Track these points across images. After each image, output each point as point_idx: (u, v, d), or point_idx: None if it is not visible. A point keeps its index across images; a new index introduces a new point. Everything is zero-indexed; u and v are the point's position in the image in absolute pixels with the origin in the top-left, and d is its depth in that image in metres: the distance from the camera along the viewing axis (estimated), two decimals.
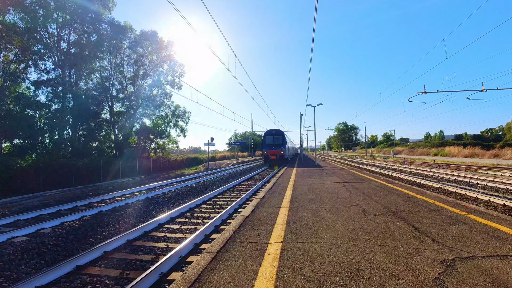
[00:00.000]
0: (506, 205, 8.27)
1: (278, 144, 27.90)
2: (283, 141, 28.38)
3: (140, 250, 5.19)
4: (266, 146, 28.22)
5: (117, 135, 26.23)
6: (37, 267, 4.58)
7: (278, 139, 28.33)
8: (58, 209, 8.81)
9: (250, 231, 4.52)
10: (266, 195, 8.12)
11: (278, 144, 27.86)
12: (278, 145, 27.83)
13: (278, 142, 28.14)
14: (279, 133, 28.99)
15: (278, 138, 28.50)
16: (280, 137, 28.57)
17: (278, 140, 28.24)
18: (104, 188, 14.73)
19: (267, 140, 28.55)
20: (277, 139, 28.35)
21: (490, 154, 38.60)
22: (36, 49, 20.44)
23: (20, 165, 14.44)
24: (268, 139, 28.64)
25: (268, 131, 29.52)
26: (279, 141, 28.16)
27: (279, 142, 28.07)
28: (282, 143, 28.09)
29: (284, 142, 28.36)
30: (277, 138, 28.48)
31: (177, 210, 7.90)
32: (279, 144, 27.91)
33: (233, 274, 2.96)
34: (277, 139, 28.31)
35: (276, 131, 29.21)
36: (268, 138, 28.73)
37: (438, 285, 2.60)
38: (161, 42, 27.26)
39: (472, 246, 3.57)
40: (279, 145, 27.82)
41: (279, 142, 28.12)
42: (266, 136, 28.96)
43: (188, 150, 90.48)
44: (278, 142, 28.13)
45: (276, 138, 28.48)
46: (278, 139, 28.37)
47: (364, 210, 5.74)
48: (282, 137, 28.68)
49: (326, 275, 2.86)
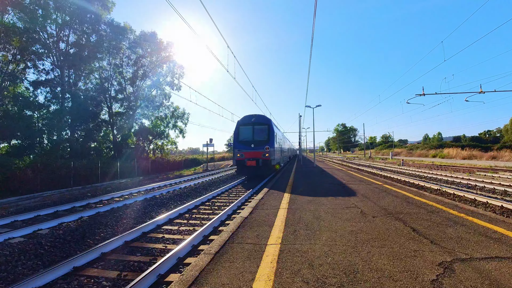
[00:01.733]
0: (504, 207, 8.29)
1: (261, 140, 16.36)
2: (270, 135, 16.57)
3: (138, 251, 5.17)
4: (240, 143, 16.47)
5: (116, 136, 26.19)
6: (34, 268, 4.55)
7: (261, 132, 16.71)
8: (55, 210, 8.76)
9: (248, 232, 4.51)
10: (265, 196, 8.11)
11: (261, 141, 16.30)
12: (261, 141, 16.26)
13: (260, 136, 16.56)
14: (263, 121, 17.12)
15: (262, 129, 16.79)
16: (264, 128, 16.81)
17: (261, 133, 16.66)
18: (103, 189, 14.67)
19: (242, 133, 16.76)
20: (259, 131, 16.72)
21: (488, 156, 38.78)
22: (35, 49, 20.41)
23: (18, 165, 14.37)
24: (243, 132, 16.78)
25: (245, 119, 17.28)
26: (262, 135, 16.59)
27: (262, 137, 16.51)
28: (268, 138, 16.43)
29: (271, 136, 16.52)
30: (259, 129, 16.77)
31: (175, 211, 7.87)
32: (263, 140, 16.35)
33: (231, 275, 2.96)
34: (259, 132, 16.70)
35: (258, 118, 17.23)
36: (244, 130, 16.81)
37: (436, 287, 2.61)
38: (161, 43, 27.31)
39: (470, 247, 3.57)
40: (262, 141, 16.26)
41: (262, 136, 16.55)
42: (241, 127, 16.88)
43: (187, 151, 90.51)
44: (261, 136, 16.56)
45: (258, 129, 16.76)
46: (261, 131, 16.72)
47: (363, 212, 5.75)
48: (267, 128, 16.83)
49: (324, 277, 2.85)
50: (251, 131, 16.66)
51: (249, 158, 15.87)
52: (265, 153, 15.91)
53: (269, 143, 16.20)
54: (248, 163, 15.82)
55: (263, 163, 15.78)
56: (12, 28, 18.38)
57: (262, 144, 16.12)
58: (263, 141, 16.24)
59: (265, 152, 15.92)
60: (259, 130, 16.74)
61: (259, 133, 16.64)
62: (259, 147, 16.02)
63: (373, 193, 8.24)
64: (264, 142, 16.20)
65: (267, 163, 15.85)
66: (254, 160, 15.77)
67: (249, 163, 15.81)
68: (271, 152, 16.03)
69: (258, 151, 15.96)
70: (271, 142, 16.31)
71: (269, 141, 16.27)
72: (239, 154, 16.20)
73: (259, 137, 16.49)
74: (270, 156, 15.88)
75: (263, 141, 16.24)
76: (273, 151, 16.43)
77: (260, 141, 16.23)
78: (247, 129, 16.78)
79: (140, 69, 26.86)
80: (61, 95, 21.99)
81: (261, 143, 16.14)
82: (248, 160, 15.84)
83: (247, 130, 16.75)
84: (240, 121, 17.25)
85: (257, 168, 15.89)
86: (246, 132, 16.71)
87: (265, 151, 15.93)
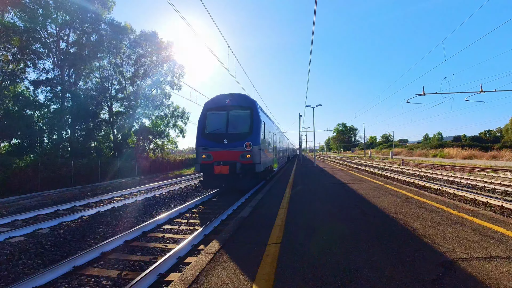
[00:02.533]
0: (504, 207, 8.29)
1: (240, 133, 10.62)
2: (254, 124, 10.71)
3: (139, 250, 5.18)
4: (207, 138, 10.74)
5: (116, 135, 26.19)
6: (34, 267, 4.55)
7: (239, 120, 10.96)
8: (56, 209, 8.78)
9: (248, 232, 4.52)
10: (265, 196, 8.12)
11: (240, 134, 10.56)
12: (240, 135, 10.52)
13: (239, 126, 10.82)
14: (244, 104, 11.16)
15: (241, 116, 11.02)
16: (244, 115, 10.98)
17: (239, 123, 10.90)
18: (103, 188, 14.69)
19: (211, 122, 11.11)
20: (236, 119, 10.98)
21: (488, 155, 38.74)
22: (35, 49, 20.41)
23: (18, 165, 14.39)
24: (213, 120, 11.13)
25: (216, 100, 11.42)
26: (241, 125, 10.82)
27: (241, 128, 10.75)
28: (251, 129, 10.61)
29: (255, 127, 10.67)
30: (236, 116, 11.03)
31: (175, 211, 7.88)
32: (243, 132, 10.60)
33: (231, 275, 2.96)
34: (236, 120, 10.96)
35: (236, 100, 11.20)
36: (214, 117, 11.14)
37: (436, 287, 2.60)
38: (161, 43, 27.30)
39: (470, 247, 3.57)
40: (241, 135, 10.51)
41: (241, 126, 10.78)
42: (209, 113, 11.20)
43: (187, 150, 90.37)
44: (240, 126, 10.80)
45: (235, 116, 11.02)
46: (239, 119, 10.99)
47: (363, 211, 5.75)
48: (250, 113, 10.90)
49: (325, 276, 2.85)
50: (225, 119, 10.69)
51: (220, 161, 10.03)
52: (245, 153, 10.02)
53: (252, 136, 10.22)
54: (217, 169, 9.77)
55: (243, 169, 9.99)
56: (12, 27, 18.39)
57: (241, 138, 10.18)
58: (243, 135, 10.28)
59: (246, 152, 10.02)
60: (236, 118, 10.76)
61: (236, 122, 10.69)
62: (236, 144, 10.11)
63: (374, 193, 8.24)
64: (245, 136, 10.23)
65: (248, 168, 10.04)
66: (227, 164, 9.86)
67: (219, 169, 9.76)
68: (255, 151, 10.10)
69: (235, 150, 10.08)
70: (255, 136, 10.29)
71: (252, 134, 10.28)
72: (204, 155, 10.26)
73: (237, 128, 10.57)
74: (253, 158, 10.04)
75: (242, 135, 10.29)
76: (259, 150, 10.35)
77: (237, 135, 10.31)
78: (218, 116, 10.85)
79: (140, 68, 26.86)
80: (62, 94, 21.99)
81: (239, 138, 10.22)
82: (217, 165, 9.86)
83: (218, 117, 10.84)
84: (208, 103, 11.20)
85: (232, 177, 9.95)
86: (217, 121, 10.80)
87: (246, 150, 10.01)
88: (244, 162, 10.09)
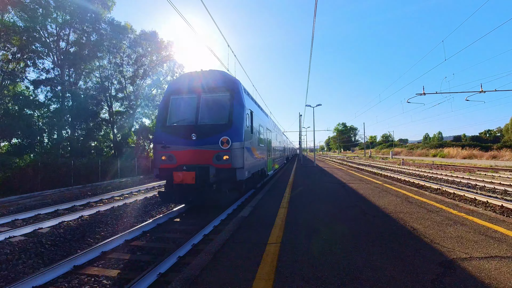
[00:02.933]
0: (504, 207, 8.29)
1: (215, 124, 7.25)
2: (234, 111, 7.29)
3: (139, 250, 5.18)
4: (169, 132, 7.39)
5: (116, 135, 26.21)
6: (34, 267, 4.56)
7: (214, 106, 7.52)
8: (56, 209, 8.78)
9: (248, 231, 4.52)
10: (265, 196, 8.12)
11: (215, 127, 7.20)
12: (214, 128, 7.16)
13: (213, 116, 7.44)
14: (221, 84, 7.61)
15: (216, 101, 7.55)
16: (221, 98, 7.53)
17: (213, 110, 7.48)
18: (103, 188, 14.69)
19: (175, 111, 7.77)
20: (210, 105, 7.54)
21: (488, 155, 38.74)
22: (35, 48, 20.41)
23: (18, 164, 14.40)
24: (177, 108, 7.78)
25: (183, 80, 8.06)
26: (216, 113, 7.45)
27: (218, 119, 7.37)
28: (230, 120, 7.22)
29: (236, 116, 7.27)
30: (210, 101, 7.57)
31: (176, 211, 7.88)
32: (218, 124, 7.26)
33: (231, 274, 2.96)
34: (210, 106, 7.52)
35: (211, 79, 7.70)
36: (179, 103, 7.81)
37: (436, 286, 2.61)
38: (161, 43, 27.32)
39: (470, 247, 3.57)
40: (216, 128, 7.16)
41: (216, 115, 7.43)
42: (173, 98, 7.85)
43: None
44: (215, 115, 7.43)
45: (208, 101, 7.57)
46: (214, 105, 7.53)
47: (363, 211, 5.75)
48: (230, 97, 7.42)
49: (325, 276, 2.85)
50: (194, 106, 7.63)
51: (183, 164, 7.15)
52: (222, 153, 7.01)
53: (231, 130, 7.17)
54: (177, 177, 6.79)
55: (218, 176, 7.14)
56: (13, 27, 18.39)
57: (216, 132, 7.15)
58: (219, 127, 7.24)
59: (223, 152, 7.01)
60: (210, 104, 7.64)
61: (210, 109, 7.59)
62: (209, 140, 7.10)
63: (374, 192, 8.24)
64: (221, 129, 7.17)
65: (226, 176, 7.19)
66: (194, 170, 6.96)
67: (180, 177, 6.78)
68: (235, 151, 7.10)
69: (206, 148, 7.08)
70: (235, 129, 7.23)
71: (232, 126, 7.22)
72: (164, 157, 7.30)
73: (211, 117, 7.51)
74: (233, 160, 7.06)
75: (218, 127, 7.24)
76: (242, 148, 7.26)
77: (211, 128, 7.28)
78: (184, 101, 7.84)
79: (140, 68, 26.88)
80: (62, 94, 22.00)
81: (213, 131, 7.19)
82: (177, 172, 6.91)
83: (184, 103, 7.82)
84: (172, 84, 8.32)
85: (201, 189, 6.94)
86: (183, 108, 7.80)
87: (223, 149, 7.01)
88: (219, 167, 7.01)
